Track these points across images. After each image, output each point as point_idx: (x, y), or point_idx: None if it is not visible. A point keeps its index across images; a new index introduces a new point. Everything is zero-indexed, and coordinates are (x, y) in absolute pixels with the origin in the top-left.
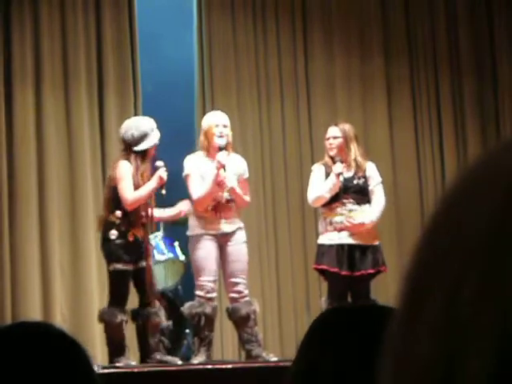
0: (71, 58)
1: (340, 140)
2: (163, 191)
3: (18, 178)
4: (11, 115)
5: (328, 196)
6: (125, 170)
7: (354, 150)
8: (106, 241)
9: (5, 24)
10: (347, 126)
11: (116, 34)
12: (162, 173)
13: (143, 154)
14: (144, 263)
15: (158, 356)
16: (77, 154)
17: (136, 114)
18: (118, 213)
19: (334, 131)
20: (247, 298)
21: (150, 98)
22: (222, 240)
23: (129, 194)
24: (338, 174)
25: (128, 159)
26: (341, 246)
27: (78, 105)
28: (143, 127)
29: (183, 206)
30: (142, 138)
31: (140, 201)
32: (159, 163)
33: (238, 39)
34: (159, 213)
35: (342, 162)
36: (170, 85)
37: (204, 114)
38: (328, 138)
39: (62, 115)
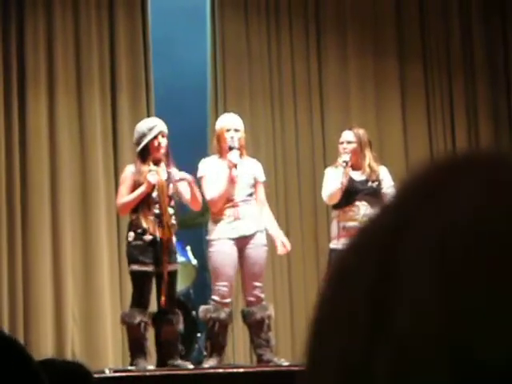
0: (84, 62)
1: (354, 145)
2: (154, 194)
3: (31, 181)
4: (24, 119)
5: (339, 187)
6: (125, 175)
7: (369, 156)
8: (127, 242)
9: (18, 29)
10: (361, 131)
11: (129, 38)
12: (150, 176)
13: (144, 154)
14: (168, 267)
15: (170, 361)
16: (90, 158)
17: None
18: (134, 214)
19: (348, 136)
20: (263, 303)
21: (162, 102)
22: (242, 243)
23: (119, 199)
24: (345, 163)
25: (134, 162)
26: None
27: (91, 109)
28: (140, 128)
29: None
30: (141, 138)
31: (129, 206)
32: (152, 167)
33: (252, 43)
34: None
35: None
36: (183, 89)
37: (217, 118)
38: (342, 143)
39: (75, 119)
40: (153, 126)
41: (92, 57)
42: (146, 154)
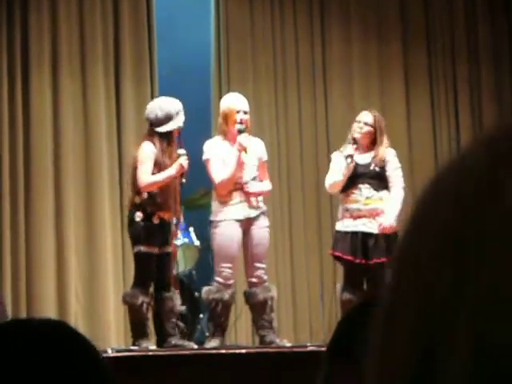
0: (88, 42)
1: (370, 129)
2: (183, 180)
3: (34, 161)
4: (28, 99)
5: (341, 179)
6: (146, 152)
7: (384, 144)
8: (131, 222)
9: (22, 8)
10: (381, 118)
11: (133, 18)
12: (183, 161)
13: (167, 136)
14: (170, 248)
15: (174, 340)
16: (93, 138)
17: (152, 98)
18: (144, 194)
19: (366, 117)
20: (266, 284)
21: (166, 82)
22: (247, 225)
23: (144, 177)
24: (348, 156)
25: (151, 140)
26: (355, 234)
27: (95, 89)
28: (167, 108)
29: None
30: (166, 119)
31: (155, 185)
32: (181, 151)
33: (255, 24)
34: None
35: (354, 144)
36: (187, 69)
37: (220, 98)
38: (359, 121)
39: (78, 99)
40: (179, 111)
41: (96, 37)
42: (167, 136)
